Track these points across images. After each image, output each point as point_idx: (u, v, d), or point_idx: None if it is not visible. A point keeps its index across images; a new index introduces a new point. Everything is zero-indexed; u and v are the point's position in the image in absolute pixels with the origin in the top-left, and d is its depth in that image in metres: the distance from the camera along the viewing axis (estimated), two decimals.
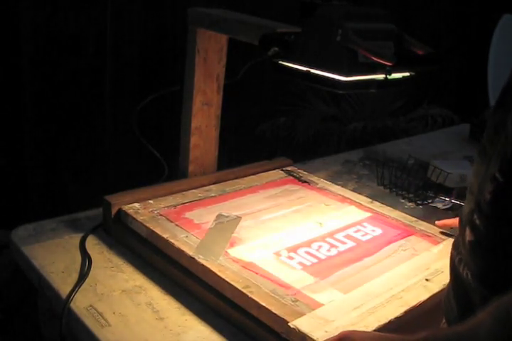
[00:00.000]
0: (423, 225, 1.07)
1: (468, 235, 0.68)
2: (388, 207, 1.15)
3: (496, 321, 0.55)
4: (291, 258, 0.93)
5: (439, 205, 1.31)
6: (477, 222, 0.66)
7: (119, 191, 1.09)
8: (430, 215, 1.23)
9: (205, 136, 1.20)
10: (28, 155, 2.43)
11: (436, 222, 1.07)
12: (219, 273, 0.86)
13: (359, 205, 1.15)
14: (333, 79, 0.80)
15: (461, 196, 1.33)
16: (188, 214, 1.05)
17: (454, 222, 1.05)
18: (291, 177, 1.27)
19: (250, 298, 0.80)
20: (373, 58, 0.75)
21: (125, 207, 1.05)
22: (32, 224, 1.09)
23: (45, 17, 2.32)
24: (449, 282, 0.77)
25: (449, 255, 0.95)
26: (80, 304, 0.86)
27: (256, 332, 0.80)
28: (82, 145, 2.55)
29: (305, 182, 1.24)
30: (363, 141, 2.50)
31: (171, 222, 1.01)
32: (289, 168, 1.32)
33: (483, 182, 0.65)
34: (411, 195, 1.35)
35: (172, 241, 0.94)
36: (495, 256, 0.62)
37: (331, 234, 1.02)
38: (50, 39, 2.36)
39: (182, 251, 0.92)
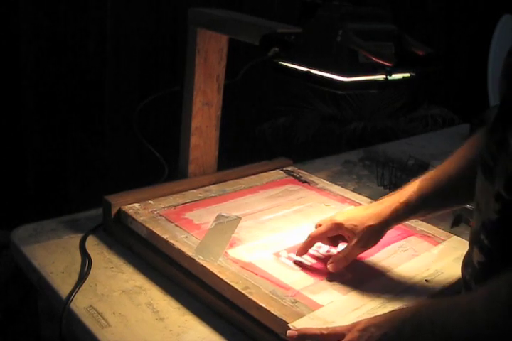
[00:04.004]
0: (423, 226, 1.07)
1: (477, 255, 0.68)
2: None
3: (489, 296, 0.56)
4: (290, 259, 0.92)
5: None
6: (485, 242, 0.65)
7: (119, 191, 1.09)
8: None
9: (205, 136, 1.20)
10: (28, 155, 2.43)
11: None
12: (218, 274, 0.86)
13: (359, 205, 1.14)
14: (334, 79, 0.80)
15: None
16: (187, 215, 1.05)
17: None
18: (291, 178, 1.26)
19: (250, 299, 0.80)
20: (374, 59, 0.75)
21: (125, 207, 1.05)
22: (32, 224, 1.09)
23: (45, 17, 2.32)
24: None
25: (448, 255, 0.96)
26: (79, 304, 0.86)
27: (256, 333, 0.80)
28: (82, 146, 2.55)
29: (305, 182, 1.24)
30: (363, 141, 2.50)
31: (171, 222, 1.01)
32: (289, 168, 1.31)
33: (489, 200, 0.64)
34: None
35: (172, 241, 0.94)
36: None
37: None
38: (50, 39, 2.36)
39: (182, 252, 0.92)
